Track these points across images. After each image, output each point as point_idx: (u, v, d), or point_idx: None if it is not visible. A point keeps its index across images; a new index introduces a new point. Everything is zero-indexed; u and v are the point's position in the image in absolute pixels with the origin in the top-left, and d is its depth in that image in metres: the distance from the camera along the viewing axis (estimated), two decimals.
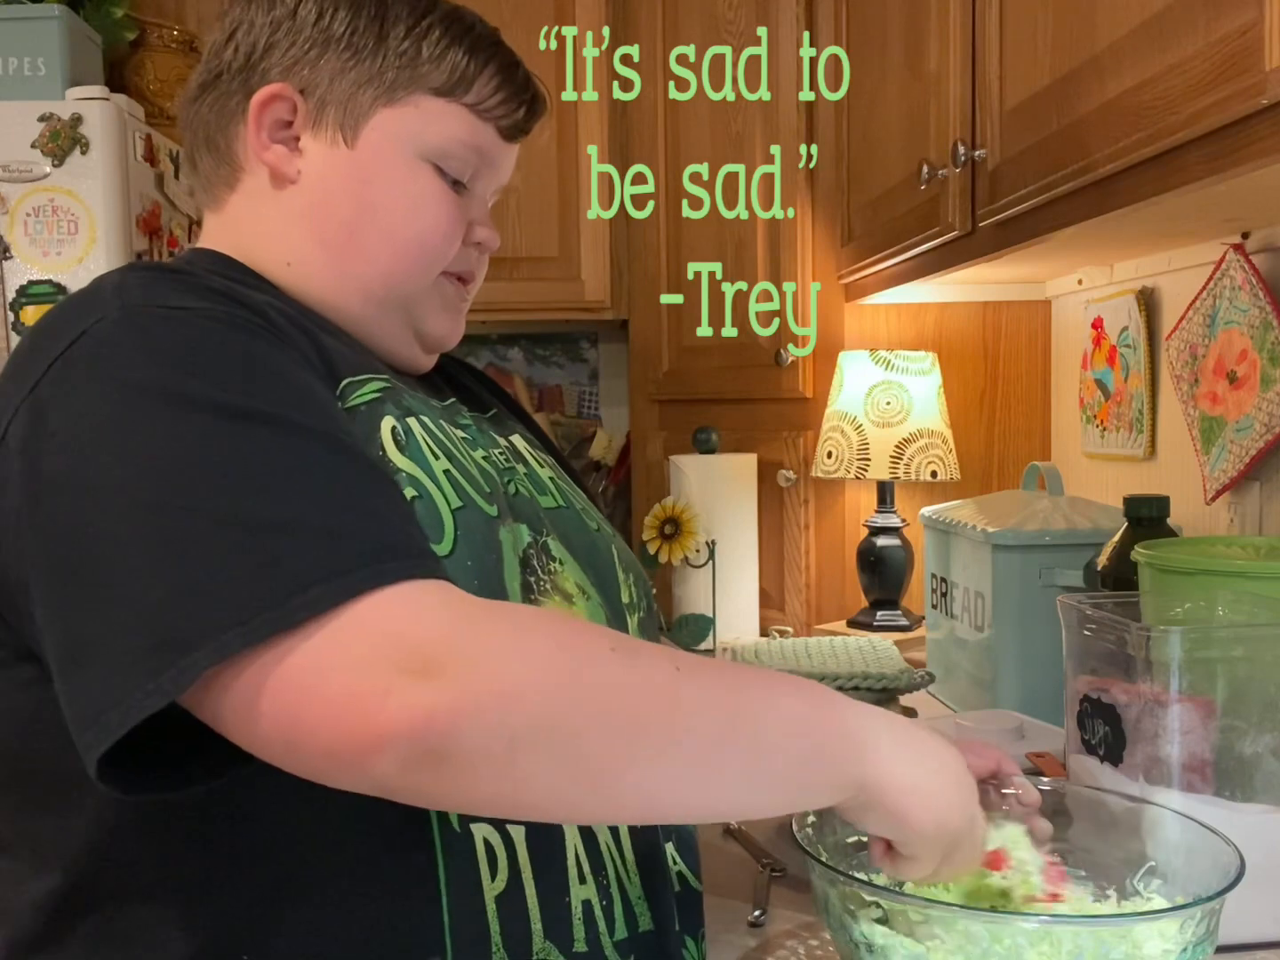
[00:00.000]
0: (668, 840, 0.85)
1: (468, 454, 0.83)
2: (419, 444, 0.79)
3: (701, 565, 2.05)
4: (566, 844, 0.76)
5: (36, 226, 1.98)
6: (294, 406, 0.68)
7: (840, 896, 0.78)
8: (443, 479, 0.78)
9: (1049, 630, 1.12)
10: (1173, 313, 1.65)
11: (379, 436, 0.77)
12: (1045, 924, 0.73)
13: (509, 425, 1.00)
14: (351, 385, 0.79)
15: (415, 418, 0.81)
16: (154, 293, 0.72)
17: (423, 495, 0.76)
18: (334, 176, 0.89)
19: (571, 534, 0.89)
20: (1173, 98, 0.94)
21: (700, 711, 0.65)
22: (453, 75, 0.90)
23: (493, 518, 0.80)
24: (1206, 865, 0.79)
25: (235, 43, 0.90)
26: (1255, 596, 0.98)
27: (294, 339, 0.76)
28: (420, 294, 0.92)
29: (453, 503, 0.77)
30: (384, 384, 0.82)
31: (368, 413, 0.78)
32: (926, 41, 1.58)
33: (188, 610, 0.59)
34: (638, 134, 2.47)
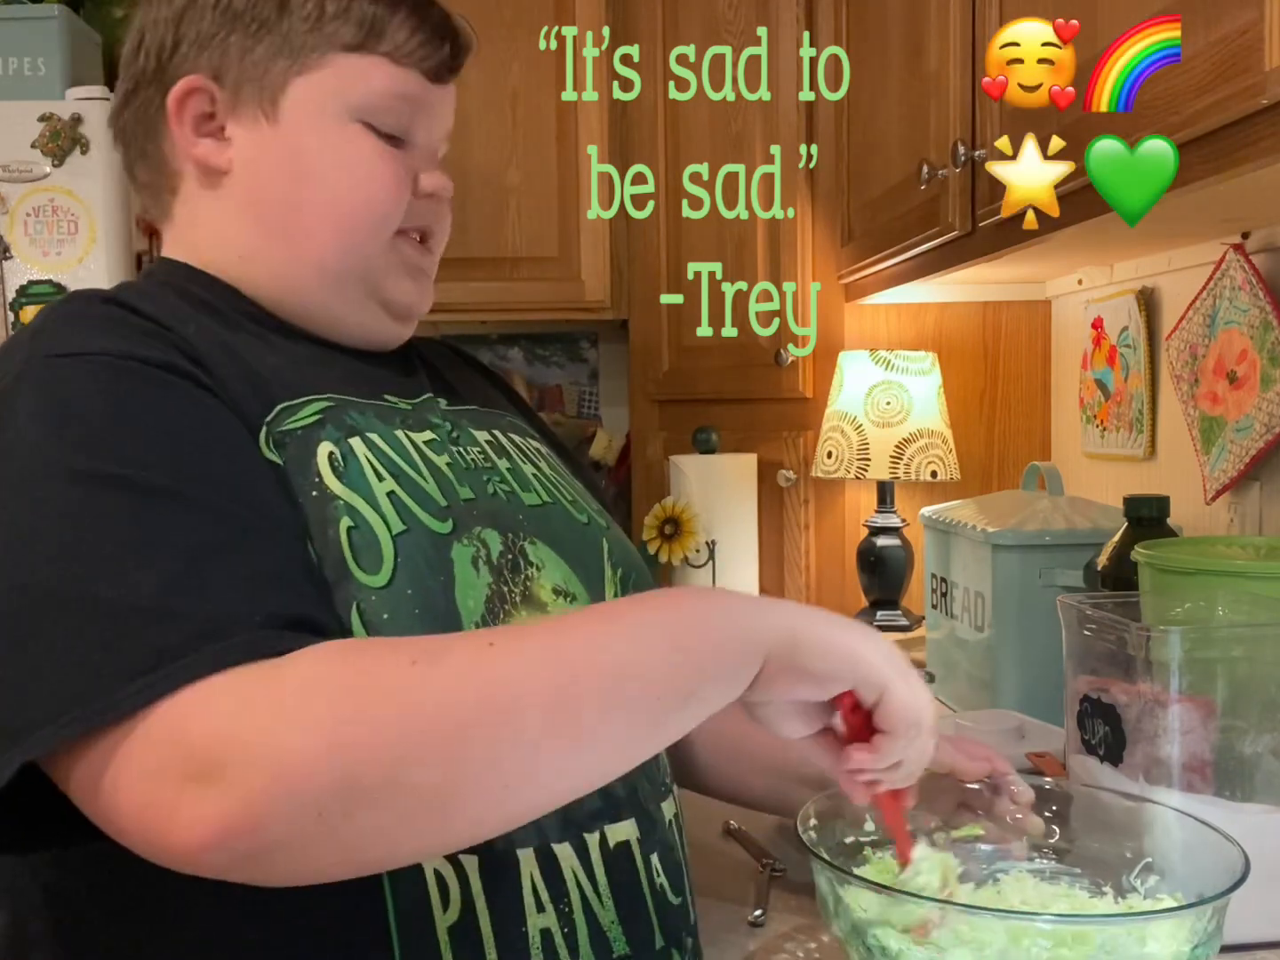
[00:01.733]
0: (650, 853, 0.81)
1: (427, 464, 0.81)
2: (360, 467, 0.77)
3: (701, 565, 2.05)
4: (521, 872, 0.73)
5: (36, 226, 1.98)
6: (160, 465, 0.66)
7: (851, 899, 0.77)
8: (384, 503, 0.76)
9: (1049, 630, 1.12)
10: (1173, 313, 1.65)
11: (314, 463, 0.75)
12: (1062, 923, 0.73)
13: (494, 416, 0.96)
14: (286, 410, 0.77)
15: (360, 436, 0.79)
16: (66, 337, 0.72)
17: (359, 525, 0.74)
18: (264, 158, 0.86)
19: (557, 531, 0.86)
20: (1173, 97, 0.94)
21: (528, 683, 0.60)
22: (362, 27, 0.86)
23: (443, 535, 0.77)
24: (1206, 862, 0.78)
25: (144, 47, 0.88)
26: (1255, 596, 0.98)
27: (219, 368, 0.75)
28: (377, 260, 0.88)
29: (394, 527, 0.75)
30: (326, 404, 0.79)
31: (303, 438, 0.76)
32: (927, 41, 1.58)
33: (14, 700, 0.59)
34: (638, 134, 2.47)
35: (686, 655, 0.64)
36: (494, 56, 2.44)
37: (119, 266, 2.00)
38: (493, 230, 2.50)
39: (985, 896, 0.84)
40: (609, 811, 0.78)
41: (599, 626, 0.65)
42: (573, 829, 0.76)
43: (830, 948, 0.94)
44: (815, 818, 0.85)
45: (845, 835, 0.87)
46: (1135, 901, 0.83)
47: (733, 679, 0.65)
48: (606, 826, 0.78)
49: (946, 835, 0.90)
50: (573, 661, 0.62)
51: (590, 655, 0.62)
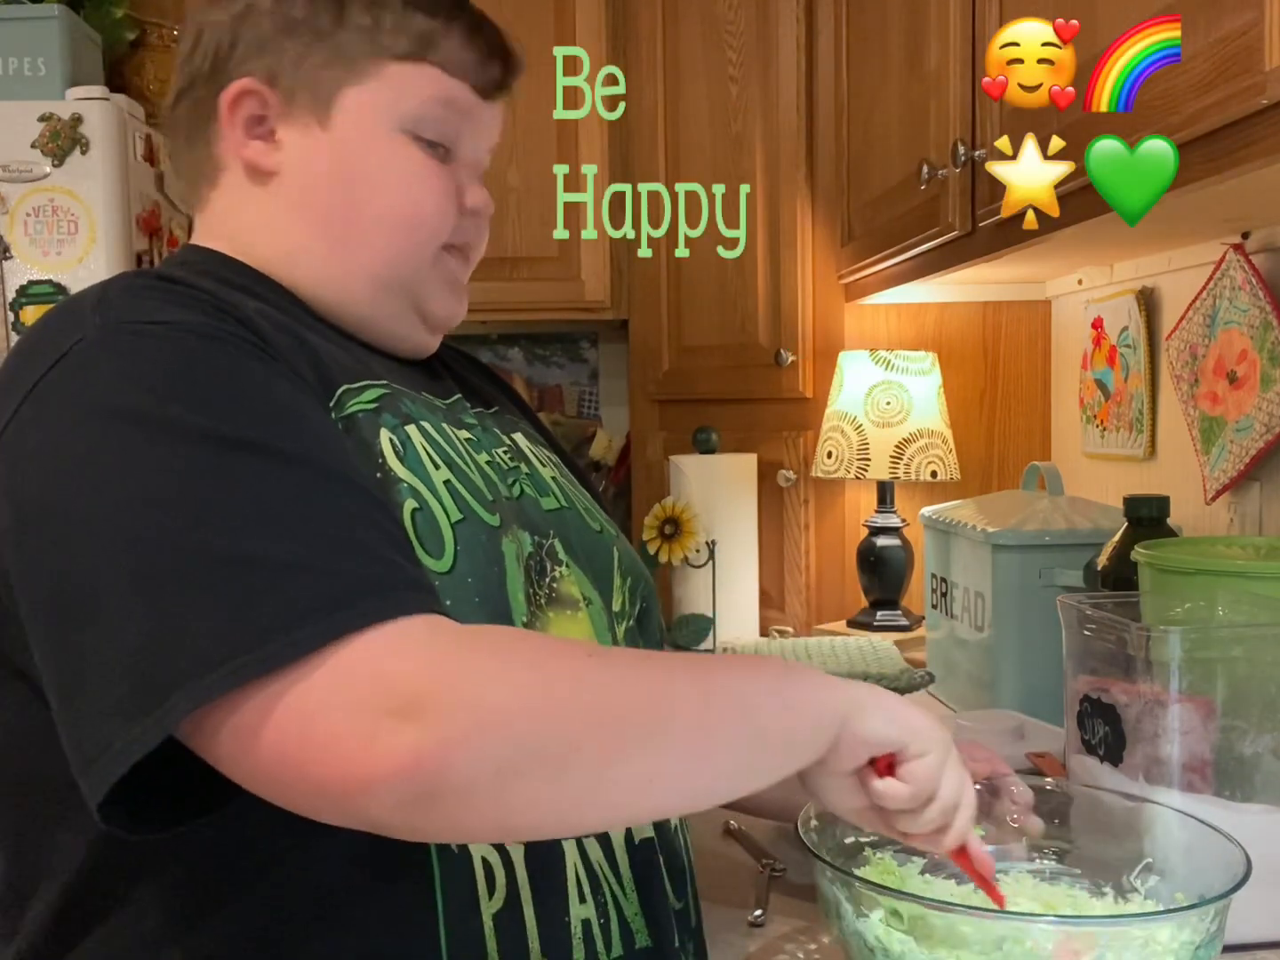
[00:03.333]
0: (663, 854, 0.83)
1: (471, 459, 0.83)
2: (418, 453, 0.78)
3: (701, 565, 2.05)
4: (566, 863, 0.76)
5: (37, 226, 1.98)
6: (279, 430, 0.67)
7: (854, 900, 0.77)
8: (442, 490, 0.77)
9: (1049, 630, 1.12)
10: (1173, 313, 1.65)
11: (379, 444, 0.76)
12: (1065, 925, 0.73)
13: (511, 421, 0.98)
14: (349, 393, 0.78)
15: (415, 424, 0.80)
16: (135, 307, 0.71)
17: (423, 508, 0.75)
18: (314, 162, 0.87)
19: (573, 536, 0.88)
20: (1173, 97, 0.94)
21: (679, 697, 0.65)
22: (416, 38, 0.87)
23: (495, 528, 0.79)
24: (1207, 863, 0.79)
25: (202, 47, 0.89)
26: (1255, 596, 0.98)
27: (284, 348, 0.75)
28: (423, 272, 0.90)
29: (453, 516, 0.76)
30: (382, 390, 0.80)
31: (365, 422, 0.77)
32: (926, 41, 1.58)
33: (167, 654, 0.59)
34: (637, 134, 2.47)
35: (791, 718, 0.69)
36: None
37: (119, 266, 2.00)
38: (493, 230, 2.49)
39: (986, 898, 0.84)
40: None
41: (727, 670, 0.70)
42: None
43: (830, 949, 0.94)
44: (816, 819, 0.85)
45: (845, 836, 0.87)
46: (1136, 902, 0.83)
47: (815, 746, 0.70)
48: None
49: None
50: (711, 689, 0.67)
51: (723, 696, 0.67)
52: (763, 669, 0.71)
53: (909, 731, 0.71)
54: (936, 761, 0.71)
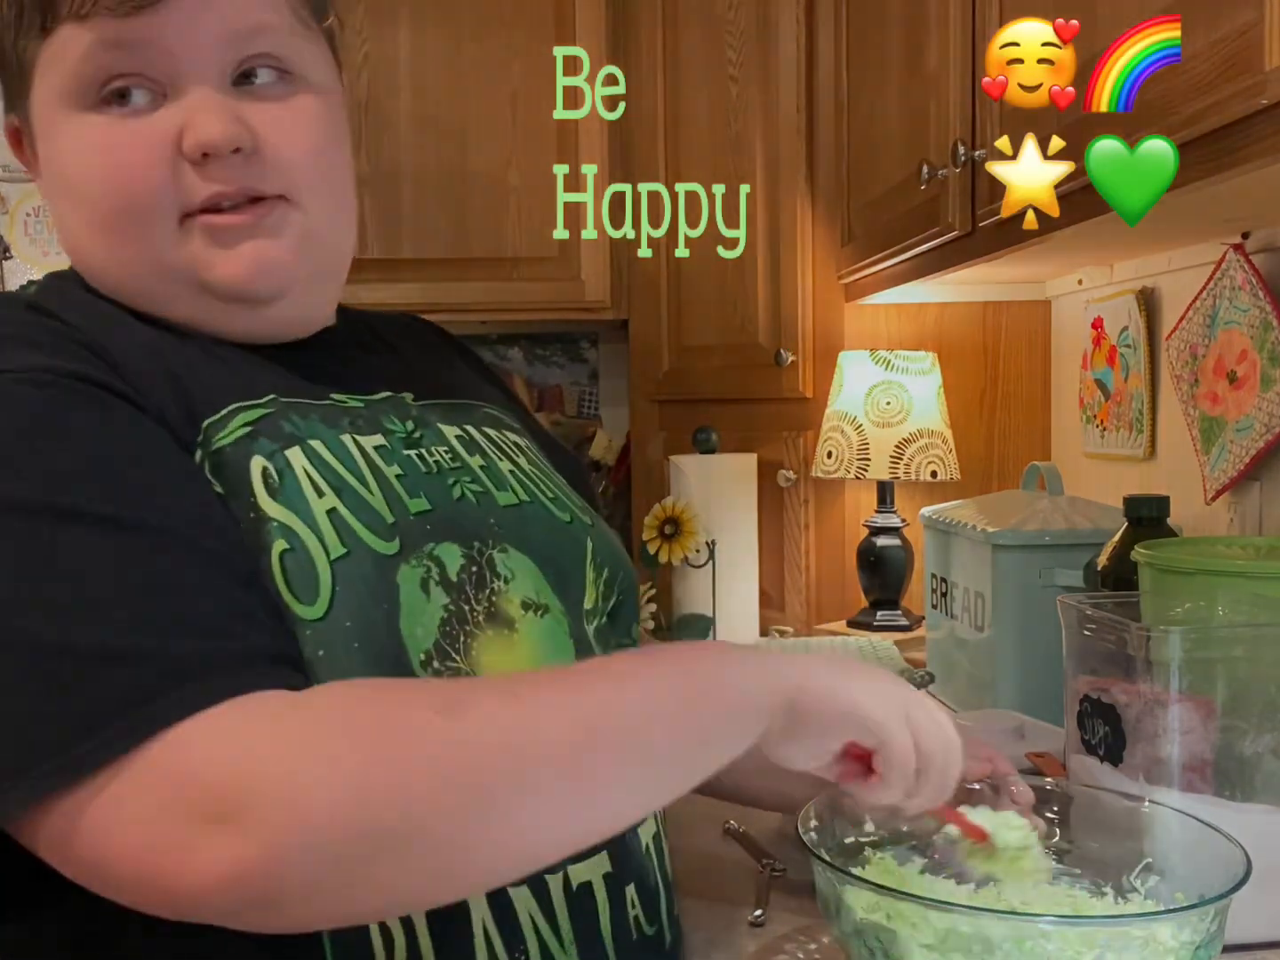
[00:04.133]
0: (627, 884, 0.78)
1: (375, 474, 0.76)
2: (297, 482, 0.71)
3: (701, 565, 2.05)
4: (473, 919, 0.70)
5: (36, 226, 1.98)
6: (114, 494, 0.62)
7: (853, 900, 0.77)
8: (323, 522, 0.70)
9: (1049, 630, 1.12)
10: (1173, 313, 1.65)
11: (249, 479, 0.70)
12: (1064, 925, 0.73)
13: (469, 410, 0.90)
14: (214, 426, 0.72)
15: (300, 445, 0.73)
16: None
17: (295, 548, 0.69)
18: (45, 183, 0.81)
19: (534, 533, 0.82)
20: (1173, 97, 0.94)
21: (546, 740, 0.60)
22: (38, 9, 0.75)
23: (389, 557, 0.72)
24: (1207, 862, 0.79)
25: None
26: (1255, 596, 0.98)
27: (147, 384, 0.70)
28: (168, 244, 0.76)
29: (334, 552, 0.70)
30: (261, 412, 0.74)
31: (234, 454, 0.71)
32: (926, 40, 1.58)
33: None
34: (637, 133, 2.47)
35: (697, 714, 0.65)
36: (494, 56, 2.44)
37: None
38: (493, 230, 2.50)
39: (986, 897, 0.84)
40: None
41: (614, 683, 0.66)
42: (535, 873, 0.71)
43: (831, 949, 0.94)
44: (815, 818, 0.84)
45: (846, 835, 0.87)
46: (1136, 902, 0.83)
47: (740, 736, 0.67)
48: (570, 867, 0.74)
49: (945, 835, 0.90)
50: (590, 718, 0.62)
51: (607, 712, 0.63)
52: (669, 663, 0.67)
53: (854, 719, 0.68)
54: (901, 743, 0.69)
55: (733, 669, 0.68)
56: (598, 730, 0.62)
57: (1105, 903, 0.84)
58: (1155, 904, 0.82)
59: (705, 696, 0.66)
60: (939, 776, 0.72)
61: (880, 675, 0.72)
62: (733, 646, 0.71)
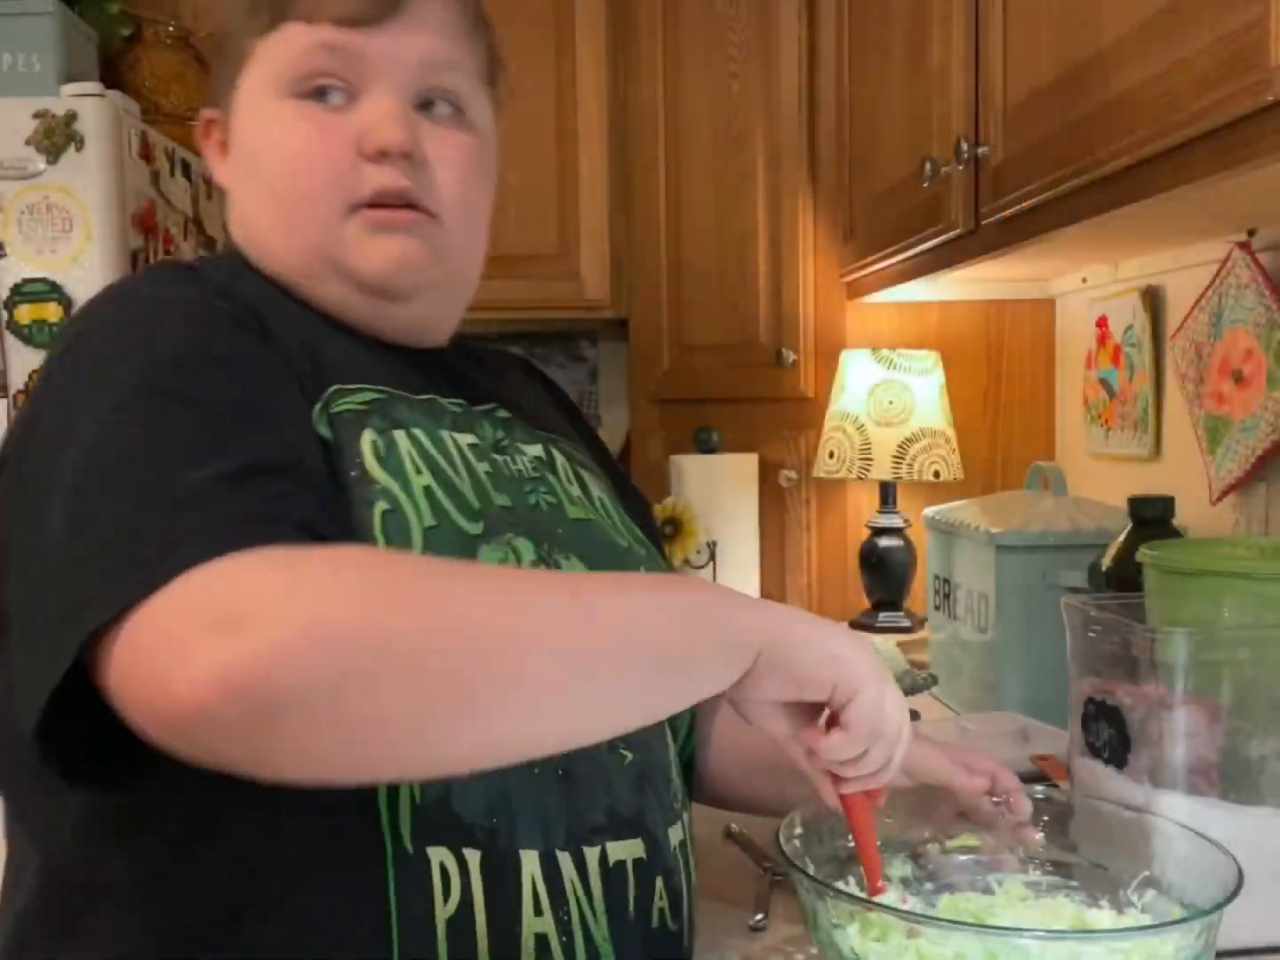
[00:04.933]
0: (656, 875, 0.81)
1: (466, 466, 0.82)
2: (400, 458, 0.79)
3: (702, 566, 2.04)
4: (523, 871, 0.74)
5: (31, 224, 1.96)
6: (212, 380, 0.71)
7: (829, 911, 0.76)
8: (420, 495, 0.77)
9: (1053, 632, 1.11)
10: (1178, 311, 1.64)
11: (358, 445, 0.78)
12: (1046, 939, 0.72)
13: (552, 437, 0.96)
14: (340, 392, 0.80)
15: (405, 430, 0.81)
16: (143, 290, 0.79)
17: (395, 510, 0.76)
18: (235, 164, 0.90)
19: (595, 550, 0.87)
20: (1178, 94, 0.94)
21: (552, 610, 0.63)
22: (270, 7, 0.86)
23: (473, 535, 0.78)
24: (1204, 876, 0.78)
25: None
26: (1261, 598, 0.97)
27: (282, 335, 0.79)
28: (331, 230, 0.85)
29: (425, 521, 0.76)
30: (377, 395, 0.81)
31: (351, 421, 0.79)
32: (929, 37, 1.57)
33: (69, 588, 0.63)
34: (637, 132, 2.46)
35: (690, 636, 0.66)
36: None
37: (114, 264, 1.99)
38: (492, 228, 2.48)
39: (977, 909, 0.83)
40: (612, 829, 0.78)
41: (615, 588, 0.68)
42: (574, 841, 0.76)
43: None
44: (801, 827, 0.84)
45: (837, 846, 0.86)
46: (1132, 915, 0.83)
47: (726, 667, 0.68)
48: (608, 843, 0.78)
49: (941, 845, 0.89)
50: (590, 614, 0.64)
51: (605, 614, 0.65)
52: (665, 587, 0.70)
53: (837, 666, 0.68)
54: (873, 699, 0.69)
55: (726, 603, 0.69)
56: (593, 627, 0.64)
57: (1103, 916, 0.83)
58: (1151, 917, 0.81)
59: (699, 620, 0.67)
60: (888, 747, 0.71)
61: (861, 639, 0.73)
62: (728, 588, 0.73)
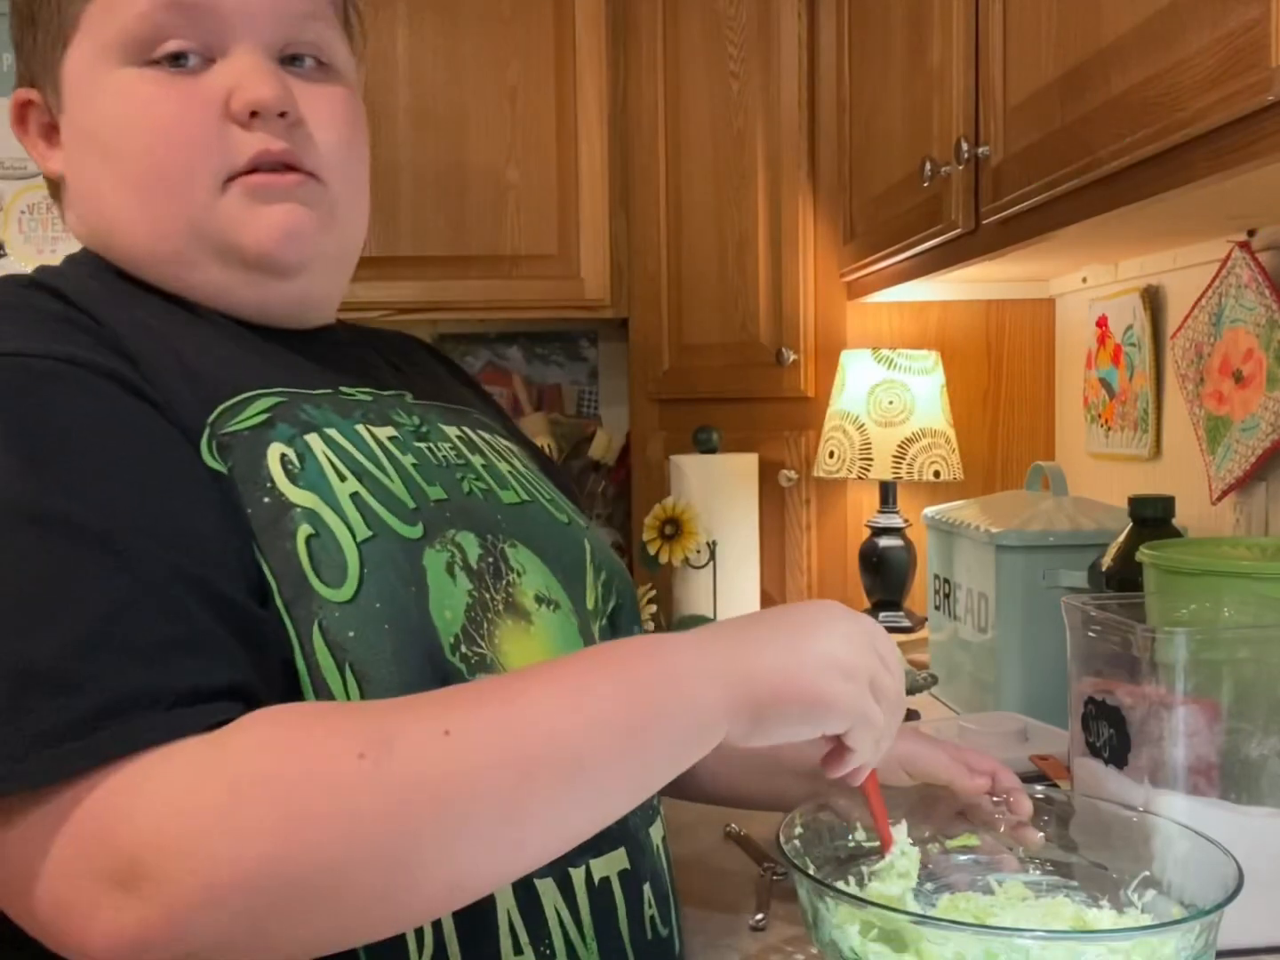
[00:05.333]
0: (644, 882, 0.78)
1: (392, 462, 0.76)
2: (319, 466, 0.71)
3: (702, 566, 2.04)
4: (498, 910, 0.69)
5: (31, 224, 1.97)
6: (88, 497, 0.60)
7: (830, 911, 0.76)
8: (348, 506, 0.70)
9: (1053, 632, 1.11)
10: (1178, 311, 1.64)
11: (265, 467, 0.69)
12: (1045, 939, 0.71)
13: (463, 413, 0.91)
14: (228, 411, 0.71)
15: (317, 432, 0.73)
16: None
17: (320, 532, 0.68)
18: (71, 149, 0.80)
19: (537, 531, 0.82)
20: (1178, 94, 0.93)
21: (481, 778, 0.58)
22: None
23: (414, 540, 0.72)
24: (1204, 875, 0.78)
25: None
26: (1261, 598, 0.97)
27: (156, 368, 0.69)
28: (206, 204, 0.77)
29: (359, 534, 0.70)
30: (275, 400, 0.73)
31: (250, 440, 0.70)
32: (929, 37, 1.57)
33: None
34: (638, 130, 2.46)
35: (643, 738, 0.63)
36: (492, 52, 2.43)
37: None
38: (491, 228, 2.49)
39: (977, 909, 0.83)
40: (595, 845, 0.73)
41: (554, 703, 0.61)
42: (558, 865, 0.70)
43: None
44: (801, 828, 0.84)
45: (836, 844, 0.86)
46: (1132, 915, 0.83)
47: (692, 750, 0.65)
48: (592, 861, 0.74)
49: (941, 844, 0.89)
50: (527, 751, 0.59)
51: (545, 743, 0.60)
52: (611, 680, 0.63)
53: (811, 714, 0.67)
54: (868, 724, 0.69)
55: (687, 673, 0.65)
56: (534, 767, 0.59)
57: (1103, 916, 0.83)
58: (1151, 917, 0.81)
59: (656, 717, 0.63)
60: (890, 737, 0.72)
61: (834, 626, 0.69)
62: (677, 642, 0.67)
